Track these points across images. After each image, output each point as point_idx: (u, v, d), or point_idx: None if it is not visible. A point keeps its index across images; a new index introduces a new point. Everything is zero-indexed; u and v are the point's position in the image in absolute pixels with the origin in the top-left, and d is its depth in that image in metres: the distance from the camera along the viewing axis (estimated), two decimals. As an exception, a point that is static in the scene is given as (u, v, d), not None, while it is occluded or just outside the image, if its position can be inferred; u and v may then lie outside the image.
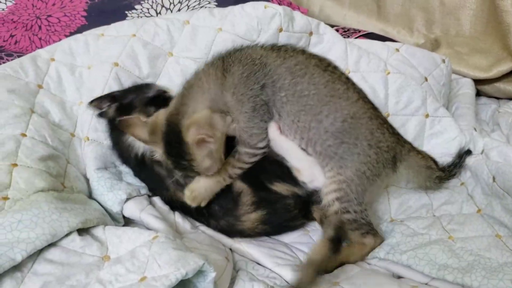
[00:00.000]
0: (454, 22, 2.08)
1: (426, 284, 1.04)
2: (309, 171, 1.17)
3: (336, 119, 1.10)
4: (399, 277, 1.09)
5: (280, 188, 1.20)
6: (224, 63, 1.11)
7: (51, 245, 0.95)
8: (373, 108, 1.16)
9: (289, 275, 1.03)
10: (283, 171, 1.20)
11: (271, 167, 1.21)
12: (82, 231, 1.02)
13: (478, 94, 1.91)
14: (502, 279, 0.96)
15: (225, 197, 1.17)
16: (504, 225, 1.18)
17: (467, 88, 1.76)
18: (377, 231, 1.19)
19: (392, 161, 1.16)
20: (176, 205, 1.22)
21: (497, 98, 1.91)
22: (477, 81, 1.85)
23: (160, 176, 1.21)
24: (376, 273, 1.08)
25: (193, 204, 1.14)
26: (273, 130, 1.15)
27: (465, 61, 1.86)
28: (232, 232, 1.18)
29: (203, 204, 1.15)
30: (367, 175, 1.12)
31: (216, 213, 1.18)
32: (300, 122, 1.12)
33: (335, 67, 1.16)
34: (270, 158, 1.20)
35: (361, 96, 1.15)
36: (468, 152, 1.40)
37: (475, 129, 1.49)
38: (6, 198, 0.99)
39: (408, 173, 1.26)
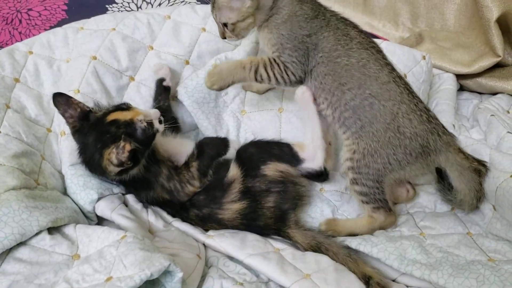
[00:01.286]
0: (439, 17, 2.07)
1: (394, 280, 1.06)
2: (313, 149, 1.23)
3: (357, 96, 1.16)
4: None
5: (272, 169, 1.21)
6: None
7: (21, 244, 0.96)
8: (409, 93, 1.17)
9: (260, 264, 1.04)
10: (281, 150, 1.25)
11: (268, 146, 1.26)
12: (53, 229, 1.03)
13: (461, 89, 1.91)
14: (467, 277, 0.97)
15: (216, 187, 1.21)
16: (476, 223, 1.20)
17: (449, 83, 1.75)
18: (392, 209, 1.21)
19: (423, 150, 1.15)
20: (159, 202, 1.23)
21: (479, 93, 1.90)
22: (460, 76, 1.84)
23: (147, 180, 1.20)
24: (347, 268, 1.09)
25: (208, 84, 1.25)
26: (308, 95, 1.23)
27: (448, 56, 1.86)
28: (211, 220, 1.19)
29: (215, 87, 1.26)
30: (382, 155, 1.14)
31: (201, 202, 1.20)
32: (326, 85, 1.19)
33: (380, 51, 1.21)
34: (268, 139, 1.27)
35: (396, 80, 1.17)
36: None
37: (454, 126, 1.49)
38: (-24, 197, 1.00)
39: (450, 172, 1.21)
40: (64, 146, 1.25)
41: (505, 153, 1.26)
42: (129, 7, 1.83)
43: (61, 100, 1.14)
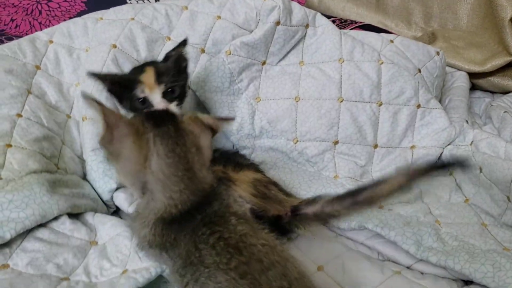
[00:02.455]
0: (452, 16, 2.09)
1: (408, 268, 1.07)
2: None
3: None
4: (384, 260, 1.12)
5: None
6: None
7: (41, 225, 0.98)
8: None
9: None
10: None
11: None
12: (73, 215, 1.06)
13: (473, 88, 1.93)
14: (484, 263, 0.98)
15: None
16: (490, 214, 1.21)
17: (462, 81, 1.77)
18: None
19: None
20: None
21: (492, 92, 1.92)
22: (473, 75, 1.86)
23: None
24: (361, 255, 1.10)
25: None
26: None
27: (461, 55, 1.87)
28: None
29: None
30: None
31: None
32: None
33: None
34: None
35: None
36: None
37: (466, 121, 1.50)
38: (-1, 178, 1.02)
39: None
40: (86, 131, 1.26)
41: (521, 146, 1.28)
42: (148, 0, 1.86)
43: None
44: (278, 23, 1.42)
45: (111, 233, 1.01)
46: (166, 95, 1.13)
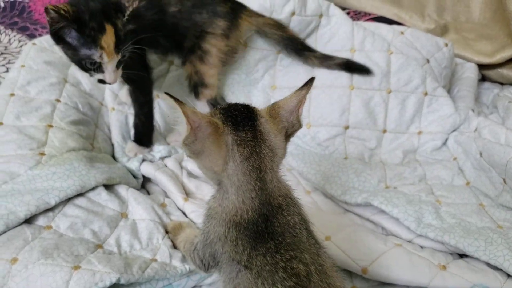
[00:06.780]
0: (464, 9, 2.15)
1: (409, 241, 1.16)
2: None
3: None
4: (387, 234, 1.21)
5: None
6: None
7: (80, 194, 1.11)
8: None
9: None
10: None
11: None
12: (108, 187, 1.18)
13: (483, 79, 1.99)
14: (477, 238, 1.07)
15: None
16: (489, 196, 1.30)
17: (471, 72, 1.83)
18: None
19: None
20: None
21: (501, 84, 1.98)
22: (482, 67, 1.92)
23: None
24: (366, 229, 1.20)
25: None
26: None
27: (471, 47, 1.94)
28: None
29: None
30: None
31: None
32: None
33: None
34: None
35: None
36: None
37: (472, 110, 1.58)
38: (43, 154, 1.16)
39: None
40: (115, 120, 1.42)
41: (521, 134, 1.35)
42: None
43: None
44: (293, 13, 1.50)
45: (144, 215, 1.12)
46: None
